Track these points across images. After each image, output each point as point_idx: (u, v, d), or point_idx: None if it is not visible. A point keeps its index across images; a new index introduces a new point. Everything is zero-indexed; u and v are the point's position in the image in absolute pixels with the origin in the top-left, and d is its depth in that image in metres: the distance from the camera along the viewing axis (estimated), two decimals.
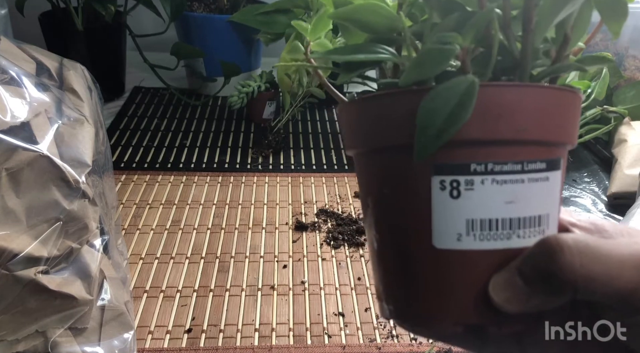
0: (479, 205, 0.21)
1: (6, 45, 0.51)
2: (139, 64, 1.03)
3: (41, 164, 0.42)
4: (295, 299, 0.59)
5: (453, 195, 0.21)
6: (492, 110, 0.20)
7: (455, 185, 0.21)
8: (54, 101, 0.48)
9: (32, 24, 0.96)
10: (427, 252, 0.21)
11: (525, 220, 0.21)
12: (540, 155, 0.21)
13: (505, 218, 0.21)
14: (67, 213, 0.43)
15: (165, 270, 0.62)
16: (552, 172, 0.22)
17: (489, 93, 0.20)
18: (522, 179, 0.21)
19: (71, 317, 0.44)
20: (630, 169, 0.79)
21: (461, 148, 0.20)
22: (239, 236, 0.69)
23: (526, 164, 0.21)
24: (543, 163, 0.21)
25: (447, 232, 0.21)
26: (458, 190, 0.21)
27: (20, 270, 0.40)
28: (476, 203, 0.21)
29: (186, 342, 0.53)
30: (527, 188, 0.21)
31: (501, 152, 0.21)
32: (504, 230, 0.21)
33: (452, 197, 0.21)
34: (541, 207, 0.21)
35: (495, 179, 0.21)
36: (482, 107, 0.20)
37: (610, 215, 0.77)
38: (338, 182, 0.82)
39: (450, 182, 0.21)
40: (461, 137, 0.20)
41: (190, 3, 1.04)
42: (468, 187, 0.21)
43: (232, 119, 1.00)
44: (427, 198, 0.21)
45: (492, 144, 0.21)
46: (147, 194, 0.76)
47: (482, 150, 0.21)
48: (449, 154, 0.21)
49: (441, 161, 0.21)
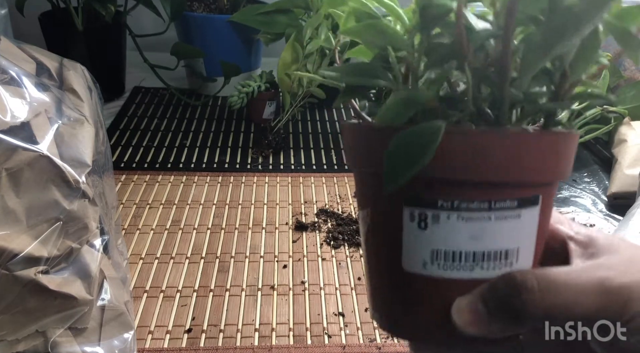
0: (443, 238, 0.22)
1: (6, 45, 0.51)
2: (139, 64, 1.03)
3: (41, 164, 0.42)
4: (295, 299, 0.59)
5: (421, 226, 0.22)
6: (459, 154, 0.21)
7: (423, 218, 0.22)
8: (54, 101, 0.48)
9: (32, 24, 0.96)
10: (398, 273, 0.23)
11: (490, 254, 0.22)
12: (510, 195, 0.22)
13: (468, 251, 0.22)
14: (67, 213, 0.43)
15: (165, 270, 0.62)
16: (526, 209, 0.22)
17: (456, 138, 0.21)
18: (489, 217, 0.22)
19: (71, 317, 0.44)
20: (630, 168, 0.79)
21: (429, 185, 0.22)
22: (239, 236, 0.69)
23: (494, 203, 0.21)
24: (514, 201, 0.22)
25: (414, 258, 0.23)
26: (425, 222, 0.22)
27: (20, 270, 0.40)
28: (441, 236, 0.22)
29: (186, 342, 0.53)
30: (494, 225, 0.22)
31: (468, 192, 0.21)
32: (467, 262, 0.22)
33: (419, 228, 0.22)
34: (509, 241, 0.22)
35: (461, 216, 0.22)
36: (449, 150, 0.21)
37: (610, 215, 0.77)
38: (338, 182, 0.82)
39: (419, 214, 0.22)
40: (428, 174, 0.21)
41: (190, 3, 1.04)
42: (434, 220, 0.22)
43: (232, 119, 1.00)
44: (399, 225, 0.23)
45: (459, 183, 0.21)
46: (147, 194, 0.76)
47: (448, 189, 0.22)
48: (418, 188, 0.22)
49: (411, 194, 0.22)
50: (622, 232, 0.62)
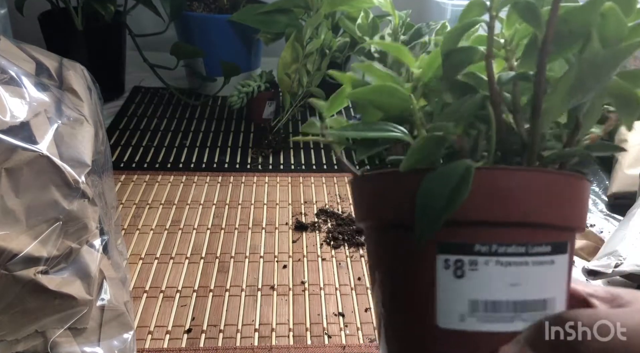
0: (482, 286, 0.21)
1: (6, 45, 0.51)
2: (139, 64, 1.02)
3: (41, 164, 0.42)
4: (295, 299, 0.59)
5: (457, 274, 0.21)
6: (496, 193, 0.21)
7: (459, 265, 0.21)
8: (54, 101, 0.48)
9: (32, 24, 0.96)
10: (431, 331, 0.22)
11: (529, 304, 0.21)
12: (545, 239, 0.21)
13: (509, 300, 0.21)
14: (67, 213, 0.43)
15: (165, 270, 0.62)
16: (558, 256, 0.22)
17: (492, 176, 0.21)
18: (527, 262, 0.21)
19: (71, 317, 0.43)
20: (631, 168, 0.79)
21: (465, 228, 0.21)
22: (239, 236, 0.69)
23: (531, 246, 0.21)
24: (548, 246, 0.21)
25: (451, 312, 0.21)
26: (462, 269, 0.21)
27: (19, 270, 0.40)
28: (480, 283, 0.21)
29: (186, 342, 0.53)
30: (531, 271, 0.21)
31: (505, 234, 0.21)
32: (507, 313, 0.21)
33: (455, 276, 0.21)
34: (546, 290, 0.21)
35: (500, 261, 0.21)
36: (486, 190, 0.20)
37: (611, 215, 0.77)
38: (338, 182, 0.82)
39: (455, 261, 0.21)
40: (465, 217, 0.20)
41: (190, 3, 1.04)
42: (472, 267, 0.21)
43: (232, 119, 1.00)
44: (432, 277, 0.21)
45: (496, 225, 0.21)
46: (146, 194, 0.76)
47: (486, 231, 0.21)
48: (453, 233, 0.21)
49: (446, 240, 0.21)
50: (622, 231, 0.62)
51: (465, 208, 0.20)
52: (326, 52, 0.88)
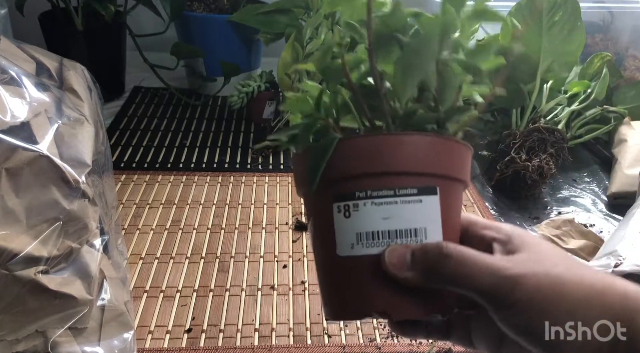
0: (363, 222, 0.28)
1: (6, 45, 0.51)
2: (139, 64, 1.03)
3: (41, 164, 0.42)
4: (295, 299, 0.59)
5: (345, 215, 0.28)
6: (360, 154, 0.28)
7: (346, 208, 0.28)
8: (54, 101, 0.48)
9: (32, 24, 0.96)
10: (334, 258, 0.29)
11: (400, 232, 0.28)
12: (410, 183, 0.28)
13: (383, 230, 0.28)
14: (67, 213, 0.43)
15: (165, 270, 0.62)
16: (426, 196, 0.28)
17: (354, 143, 0.28)
18: (396, 201, 0.28)
19: (71, 317, 0.44)
20: (630, 168, 0.79)
21: (347, 181, 0.28)
22: (239, 236, 0.69)
23: (397, 189, 0.28)
24: (414, 189, 0.28)
25: (344, 243, 0.28)
26: (349, 211, 0.28)
27: (20, 270, 0.40)
28: (361, 220, 0.28)
29: (186, 342, 0.53)
30: (400, 208, 0.28)
31: (377, 182, 0.28)
32: (383, 239, 0.28)
33: (345, 217, 0.28)
34: (415, 222, 0.28)
35: (374, 202, 0.28)
36: (354, 153, 0.28)
37: (610, 215, 0.77)
38: None
39: (344, 206, 0.28)
40: (345, 174, 0.28)
41: (190, 3, 1.04)
42: (355, 209, 0.28)
43: (232, 119, 1.00)
44: (331, 220, 0.29)
45: (369, 176, 0.28)
46: (147, 194, 0.76)
47: (362, 182, 0.28)
48: (340, 186, 0.28)
49: (337, 192, 0.29)
50: (622, 231, 0.62)
51: (341, 166, 0.28)
52: None
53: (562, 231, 0.71)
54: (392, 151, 0.28)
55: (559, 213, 0.77)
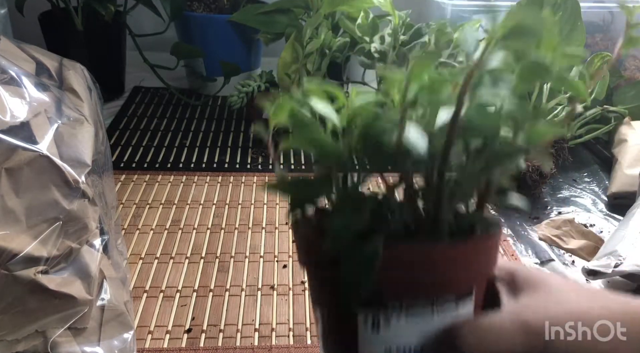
0: (394, 336, 0.25)
1: (6, 45, 0.51)
2: (139, 64, 1.02)
3: (41, 164, 0.42)
4: (295, 299, 0.59)
5: (373, 326, 0.25)
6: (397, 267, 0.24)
7: (376, 320, 0.25)
8: (54, 101, 0.48)
9: (32, 24, 0.96)
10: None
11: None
12: (449, 291, 0.25)
13: (417, 344, 0.25)
14: (67, 213, 0.43)
15: (165, 270, 0.62)
16: (463, 301, 0.26)
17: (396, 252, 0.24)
18: (432, 311, 0.25)
19: (71, 317, 0.44)
20: (631, 168, 0.79)
21: (378, 292, 0.24)
22: (239, 236, 0.69)
23: (436, 300, 0.25)
24: (452, 295, 0.25)
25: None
26: (378, 324, 0.25)
27: (20, 270, 0.40)
28: (393, 334, 0.25)
29: (186, 342, 0.53)
30: (436, 318, 0.25)
31: (413, 294, 0.25)
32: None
33: (372, 327, 0.25)
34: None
35: (409, 314, 0.25)
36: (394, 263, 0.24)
37: (610, 215, 0.77)
38: None
39: (372, 316, 0.25)
40: (380, 283, 0.24)
41: (190, 3, 1.04)
42: (385, 322, 0.25)
43: (232, 119, 1.00)
44: (354, 326, 0.25)
45: (405, 287, 0.25)
46: (146, 194, 0.76)
47: (397, 293, 0.25)
48: (369, 295, 0.24)
49: (364, 300, 0.25)
50: (622, 231, 0.62)
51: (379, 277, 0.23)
52: (326, 52, 0.88)
53: (562, 231, 0.71)
54: (439, 261, 0.25)
55: (559, 213, 0.77)
